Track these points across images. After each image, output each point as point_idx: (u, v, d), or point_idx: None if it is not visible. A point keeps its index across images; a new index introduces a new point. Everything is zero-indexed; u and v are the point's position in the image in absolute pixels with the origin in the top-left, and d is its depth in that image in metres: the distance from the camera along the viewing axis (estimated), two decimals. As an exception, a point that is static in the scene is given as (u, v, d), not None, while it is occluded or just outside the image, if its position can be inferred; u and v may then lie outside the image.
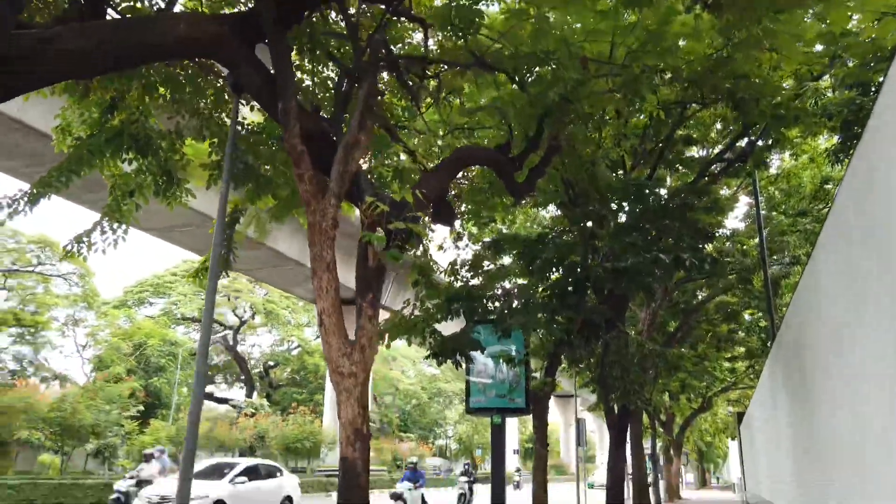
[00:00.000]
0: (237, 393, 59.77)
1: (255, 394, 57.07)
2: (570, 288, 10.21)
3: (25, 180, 20.12)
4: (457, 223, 13.47)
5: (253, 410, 39.61)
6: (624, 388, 12.23)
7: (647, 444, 31.40)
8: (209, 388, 62.50)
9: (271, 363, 59.50)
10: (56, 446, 20.51)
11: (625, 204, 12.25)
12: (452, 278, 10.47)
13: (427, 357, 9.83)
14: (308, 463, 33.62)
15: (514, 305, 9.62)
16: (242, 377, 57.98)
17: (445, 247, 13.73)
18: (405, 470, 18.33)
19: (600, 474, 39.01)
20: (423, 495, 16.33)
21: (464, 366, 10.75)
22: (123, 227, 9.55)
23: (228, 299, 52.92)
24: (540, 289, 10.30)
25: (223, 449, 24.91)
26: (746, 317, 24.40)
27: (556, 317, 10.56)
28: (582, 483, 22.41)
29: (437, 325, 9.73)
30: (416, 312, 9.32)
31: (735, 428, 39.68)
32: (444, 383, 74.32)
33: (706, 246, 11.12)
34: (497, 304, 9.83)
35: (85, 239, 9.37)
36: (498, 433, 13.76)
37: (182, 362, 42.25)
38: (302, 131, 5.65)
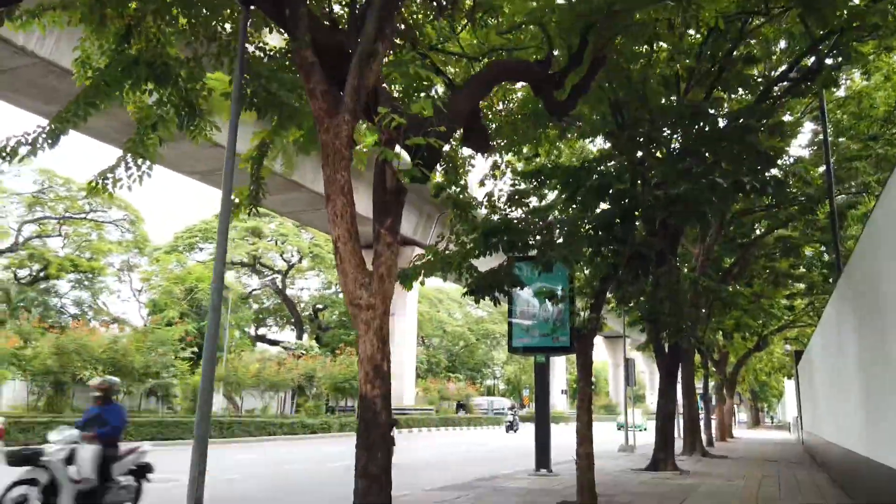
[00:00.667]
0: (288, 335, 61.28)
1: (304, 336, 58.33)
2: (617, 219, 9.48)
3: (48, 118, 20.03)
4: (497, 156, 12.76)
5: (303, 352, 40.44)
6: (676, 325, 11.57)
7: (699, 384, 30.76)
8: (262, 331, 64.28)
9: (320, 306, 60.47)
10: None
11: (678, 128, 11.35)
12: (490, 211, 9.85)
13: (464, 294, 9.35)
14: (356, 402, 34.19)
15: (555, 238, 8.99)
16: (293, 320, 59.24)
17: (486, 181, 13.07)
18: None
19: (628, 415, 37.85)
20: None
21: (503, 304, 10.22)
22: (148, 163, 9.16)
23: (276, 244, 53.59)
24: (584, 220, 9.60)
25: (273, 389, 25.44)
26: (808, 252, 23.13)
27: (601, 250, 9.88)
28: (629, 427, 22.05)
29: (476, 262, 9.21)
30: (452, 247, 8.79)
31: (792, 367, 38.51)
32: (492, 325, 74.60)
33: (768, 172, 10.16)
34: (538, 237, 9.20)
35: (110, 175, 9.04)
36: (542, 372, 13.36)
37: (232, 305, 43.14)
38: (315, 44, 5.05)
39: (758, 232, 21.54)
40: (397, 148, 4.77)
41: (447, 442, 26.21)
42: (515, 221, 9.55)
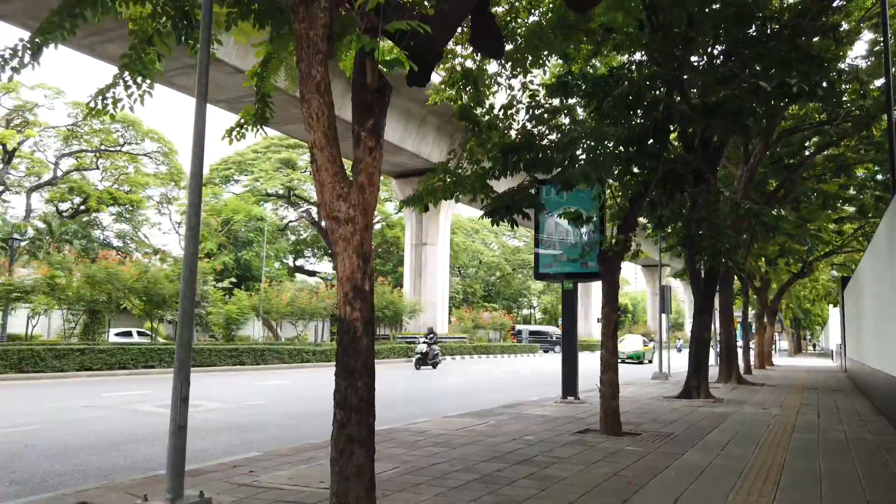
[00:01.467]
0: (326, 266, 61.92)
1: (342, 266, 58.80)
2: (648, 132, 8.70)
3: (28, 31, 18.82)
4: (525, 77, 11.84)
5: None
6: (712, 248, 10.85)
7: (738, 312, 30.01)
8: (300, 262, 65.13)
9: (356, 237, 60.66)
10: (144, 314, 21.57)
11: (721, 30, 10.31)
12: (509, 126, 9.15)
13: (482, 217, 8.82)
14: (391, 330, 34.50)
15: (579, 154, 8.29)
16: (329, 251, 59.77)
17: (515, 104, 12.26)
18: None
19: (630, 343, 37.17)
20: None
21: (522, 228, 9.63)
22: (148, 81, 8.63)
23: (310, 175, 53.42)
24: (612, 135, 8.83)
25: (304, 318, 25.65)
26: (860, 173, 21.72)
27: (631, 168, 9.17)
28: (665, 351, 21.61)
29: (496, 183, 8.61)
30: (466, 165, 8.19)
31: (838, 293, 37.27)
32: (528, 255, 74.15)
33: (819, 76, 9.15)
34: (560, 154, 8.51)
35: (109, 95, 8.58)
36: (569, 299, 12.87)
37: (269, 237, 43.47)
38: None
39: (806, 152, 20.22)
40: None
41: (479, 369, 26.26)
42: (537, 138, 8.86)
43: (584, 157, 8.35)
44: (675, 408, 11.73)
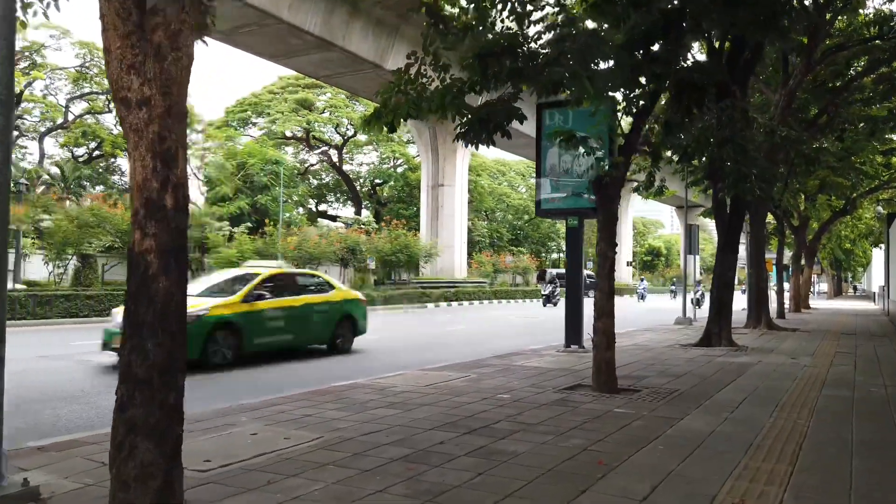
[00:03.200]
0: (350, 212, 60.94)
1: (364, 211, 57.85)
2: (658, 31, 7.14)
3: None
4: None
5: (360, 226, 39.71)
6: (737, 172, 9.32)
7: (770, 254, 28.20)
8: (322, 207, 64.26)
9: (378, 181, 59.45)
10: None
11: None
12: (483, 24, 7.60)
13: (455, 140, 7.45)
14: (408, 275, 33.50)
15: (568, 56, 6.80)
16: (351, 196, 58.68)
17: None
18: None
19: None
20: None
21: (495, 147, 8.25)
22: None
23: (329, 116, 51.88)
24: (610, 36, 7.29)
25: (312, 263, 24.70)
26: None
27: (638, 77, 7.63)
28: (689, 294, 20.16)
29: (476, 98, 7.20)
30: (429, 73, 6.77)
31: (883, 232, 34.98)
32: (556, 196, 72.00)
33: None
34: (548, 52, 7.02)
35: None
36: (574, 238, 11.51)
37: (286, 180, 42.45)
38: None
39: (851, 74, 18.07)
40: None
41: (496, 315, 25.21)
42: (522, 39, 7.35)
43: (574, 56, 6.86)
44: (691, 357, 10.44)
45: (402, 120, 7.04)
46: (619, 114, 8.78)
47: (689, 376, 8.31)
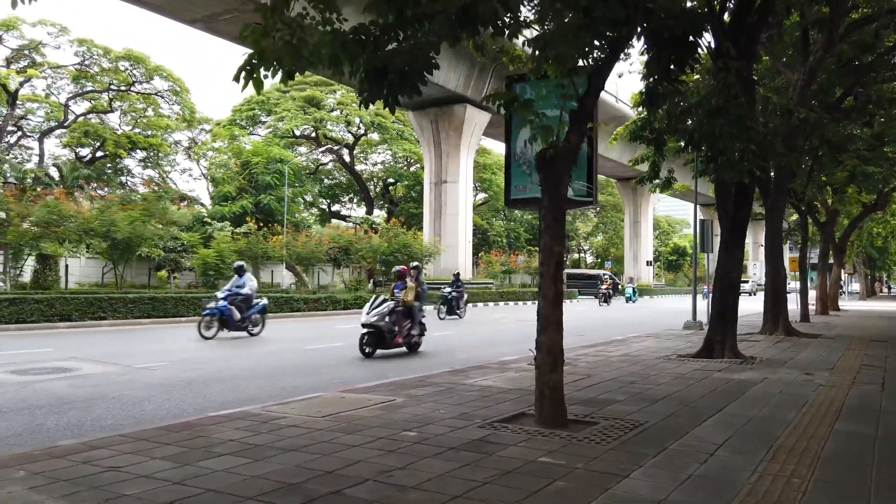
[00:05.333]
0: (362, 212, 59.75)
1: (376, 211, 56.56)
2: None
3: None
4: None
5: (368, 227, 38.36)
6: (730, 149, 7.65)
7: (792, 252, 26.18)
8: (336, 207, 63.10)
9: (391, 180, 58.16)
10: (107, 258, 19.66)
11: None
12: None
13: (360, 104, 5.91)
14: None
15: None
16: (362, 194, 57.46)
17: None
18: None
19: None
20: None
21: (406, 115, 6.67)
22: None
23: (341, 113, 50.66)
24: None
25: (304, 263, 23.34)
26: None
27: (590, 20, 6.01)
28: (699, 295, 18.35)
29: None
30: (309, 10, 5.24)
31: (918, 229, 32.62)
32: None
33: None
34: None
35: None
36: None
37: (291, 179, 41.22)
38: None
39: (883, 49, 16.13)
40: None
41: (496, 318, 23.73)
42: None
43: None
44: (683, 373, 8.78)
45: (287, 74, 5.49)
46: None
47: (668, 401, 6.68)
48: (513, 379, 8.11)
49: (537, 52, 5.98)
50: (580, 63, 6.20)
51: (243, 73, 5.48)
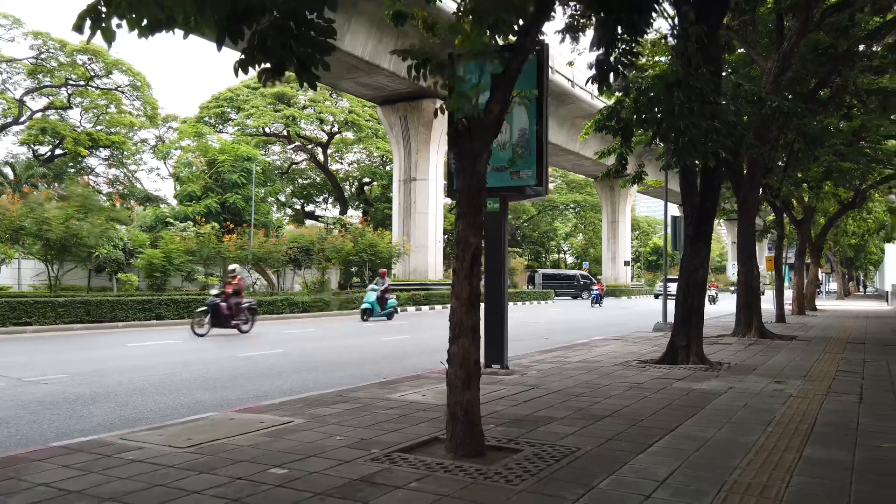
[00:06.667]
0: (335, 212, 58.53)
1: (350, 211, 55.33)
2: None
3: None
4: None
5: (340, 227, 37.18)
6: (689, 129, 6.71)
7: (764, 251, 25.47)
8: (310, 207, 61.76)
9: (366, 180, 56.98)
10: (43, 259, 18.42)
11: None
12: None
13: (237, 69, 4.87)
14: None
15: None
16: (336, 195, 56.22)
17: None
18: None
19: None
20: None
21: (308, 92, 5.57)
22: None
23: (313, 112, 49.40)
24: None
25: (260, 264, 22.23)
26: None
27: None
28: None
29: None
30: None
31: (894, 227, 32.10)
32: (556, 194, 69.45)
33: None
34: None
35: None
36: (494, 226, 8.89)
37: (267, 179, 39.90)
38: None
39: (859, 34, 15.38)
40: None
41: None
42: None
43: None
44: (640, 382, 7.84)
45: (145, 29, 4.46)
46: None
47: (614, 419, 5.71)
48: (445, 392, 7.09)
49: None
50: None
51: (88, 20, 4.44)
